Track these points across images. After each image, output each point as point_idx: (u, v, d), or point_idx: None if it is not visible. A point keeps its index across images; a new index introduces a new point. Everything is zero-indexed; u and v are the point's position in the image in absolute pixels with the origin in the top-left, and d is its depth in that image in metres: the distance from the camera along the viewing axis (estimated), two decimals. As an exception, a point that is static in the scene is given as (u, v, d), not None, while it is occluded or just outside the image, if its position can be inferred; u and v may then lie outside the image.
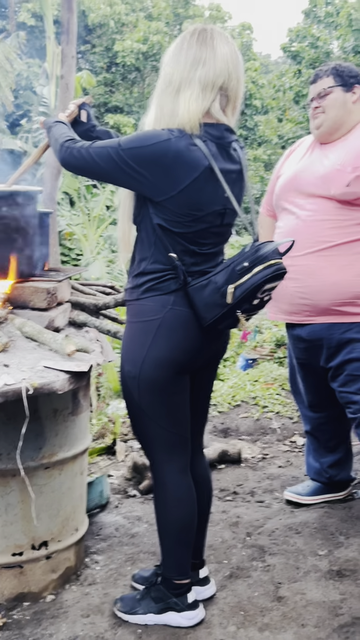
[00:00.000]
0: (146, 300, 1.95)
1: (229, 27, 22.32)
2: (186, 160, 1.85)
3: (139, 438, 2.09)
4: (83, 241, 10.82)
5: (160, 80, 1.93)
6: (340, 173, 2.52)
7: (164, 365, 1.95)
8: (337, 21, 16.78)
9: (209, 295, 1.89)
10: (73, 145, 1.94)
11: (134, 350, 1.97)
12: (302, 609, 2.19)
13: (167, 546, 2.12)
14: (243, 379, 5.00)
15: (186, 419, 2.06)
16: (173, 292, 1.94)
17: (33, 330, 2.19)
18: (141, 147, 1.85)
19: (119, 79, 20.76)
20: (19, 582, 2.24)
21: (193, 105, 1.87)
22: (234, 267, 1.89)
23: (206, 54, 1.87)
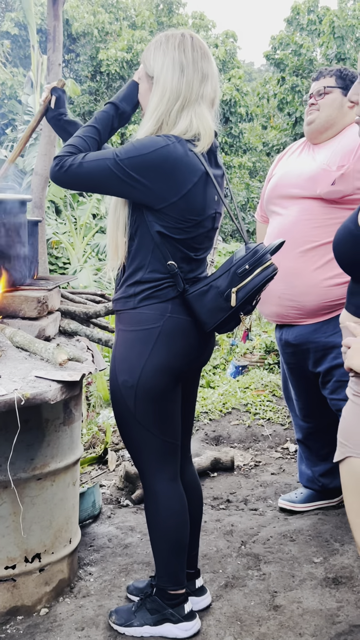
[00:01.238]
0: (143, 308, 1.92)
1: (212, 35, 22.43)
2: (186, 165, 1.85)
3: (130, 448, 2.07)
4: (70, 250, 10.78)
5: (161, 92, 1.88)
6: (326, 172, 2.54)
7: (164, 373, 1.94)
8: (319, 29, 16.94)
9: (211, 300, 1.90)
10: (64, 162, 1.86)
11: (130, 359, 1.94)
12: (299, 617, 2.17)
13: (160, 556, 2.10)
14: (233, 386, 4.99)
15: (178, 426, 2.06)
16: (171, 300, 1.93)
17: (24, 340, 2.17)
18: (141, 155, 1.82)
19: (104, 87, 20.77)
20: (11, 595, 2.21)
21: (207, 119, 1.90)
22: (234, 270, 1.90)
23: (209, 69, 1.91)
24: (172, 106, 1.87)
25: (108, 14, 20.83)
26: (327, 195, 2.54)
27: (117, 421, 2.05)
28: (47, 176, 3.83)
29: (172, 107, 1.87)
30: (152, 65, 1.91)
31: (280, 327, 2.80)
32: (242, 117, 19.44)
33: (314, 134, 2.70)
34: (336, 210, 2.56)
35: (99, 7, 20.92)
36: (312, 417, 2.91)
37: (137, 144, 1.85)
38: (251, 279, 1.89)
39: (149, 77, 1.93)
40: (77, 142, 1.91)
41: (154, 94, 1.90)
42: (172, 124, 1.88)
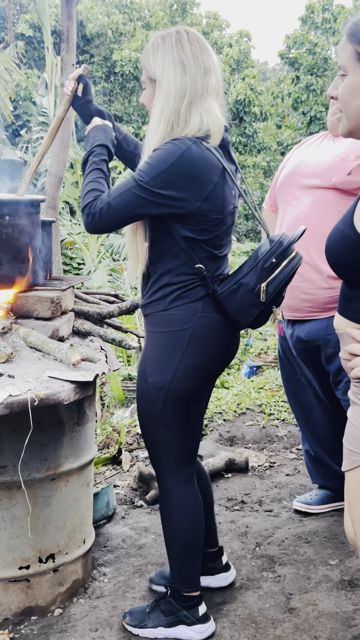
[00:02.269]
0: (175, 309, 1.93)
1: (226, 34, 22.40)
2: (206, 166, 1.85)
3: (150, 448, 2.07)
4: (84, 250, 10.81)
5: (166, 93, 1.87)
6: (343, 162, 2.51)
7: (196, 374, 1.96)
8: (334, 27, 16.86)
9: (242, 297, 1.91)
10: (92, 209, 1.84)
11: (162, 360, 1.94)
12: (314, 620, 2.15)
13: (175, 558, 2.09)
14: (248, 386, 4.97)
15: (200, 428, 2.09)
16: (200, 299, 1.94)
17: (37, 340, 2.16)
18: (163, 171, 1.80)
19: (118, 88, 20.82)
20: (26, 596, 2.21)
21: (215, 113, 1.89)
22: (261, 265, 1.91)
23: (210, 60, 1.89)
24: (180, 105, 1.86)
25: (122, 14, 20.88)
26: (342, 185, 2.51)
27: (141, 422, 2.05)
28: (61, 177, 3.84)
29: (180, 105, 1.86)
30: (153, 68, 1.90)
31: (292, 324, 2.78)
32: (256, 116, 19.39)
33: (336, 124, 2.66)
34: (349, 201, 2.53)
35: (112, 8, 20.98)
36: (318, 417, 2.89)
37: (154, 160, 1.82)
38: (279, 272, 1.90)
39: (151, 80, 1.93)
40: (93, 186, 1.89)
41: (158, 96, 1.89)
42: (182, 122, 1.87)
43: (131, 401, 5.77)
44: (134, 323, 6.70)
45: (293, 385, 2.96)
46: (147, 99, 1.98)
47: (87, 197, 1.87)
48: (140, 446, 3.93)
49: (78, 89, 2.19)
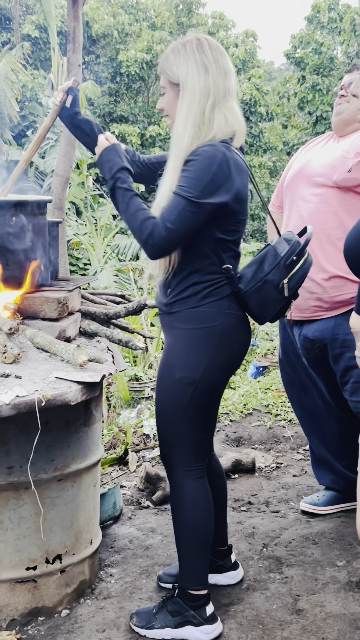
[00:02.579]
0: (205, 307, 2.00)
1: (232, 34, 22.38)
2: (238, 167, 1.94)
3: (167, 444, 2.11)
4: (90, 250, 10.82)
5: (191, 94, 1.93)
6: (344, 160, 2.54)
7: (224, 369, 2.04)
8: (340, 26, 16.82)
9: (267, 294, 2.01)
10: (153, 238, 1.87)
11: (192, 356, 2.00)
12: (322, 621, 2.14)
13: (185, 553, 2.11)
14: (254, 386, 4.96)
15: (215, 424, 2.17)
16: (227, 297, 2.01)
17: (44, 341, 2.17)
18: (208, 182, 1.86)
19: (124, 88, 20.83)
20: (33, 596, 2.21)
21: (238, 114, 1.98)
22: (283, 262, 2.01)
23: (228, 65, 1.97)
24: (204, 106, 1.93)
25: (128, 15, 20.88)
26: (342, 183, 2.53)
27: (161, 417, 2.09)
28: (67, 177, 3.84)
29: (205, 106, 1.93)
30: (176, 72, 1.96)
31: (300, 324, 2.77)
32: (262, 116, 19.37)
33: (341, 125, 2.68)
34: (352, 199, 2.55)
35: (118, 8, 20.98)
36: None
37: (195, 173, 1.87)
38: (299, 268, 2.01)
39: (173, 84, 1.98)
40: (143, 215, 1.91)
41: (183, 98, 1.95)
42: (207, 122, 1.93)
43: (137, 402, 5.77)
44: (140, 324, 6.70)
45: (296, 387, 2.94)
46: (167, 104, 2.03)
47: (143, 229, 1.89)
48: (147, 447, 3.93)
49: (67, 100, 2.22)
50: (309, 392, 2.90)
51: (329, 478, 2.99)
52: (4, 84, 10.10)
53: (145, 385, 6.13)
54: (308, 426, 2.98)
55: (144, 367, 6.61)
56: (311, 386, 2.89)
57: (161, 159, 2.27)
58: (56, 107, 2.23)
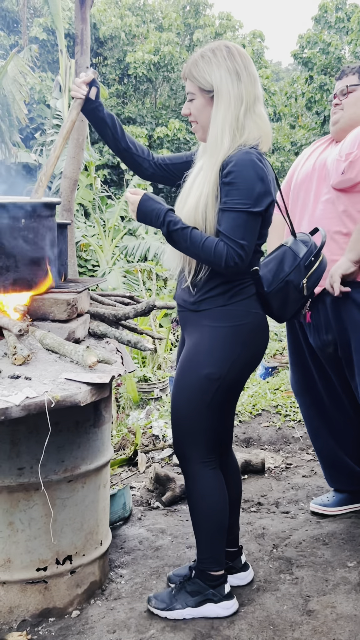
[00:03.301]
0: (233, 305, 2.05)
1: (239, 35, 22.37)
2: (269, 172, 2.00)
3: (184, 437, 2.15)
4: (99, 252, 10.84)
5: (227, 100, 1.98)
6: (338, 163, 2.55)
7: (249, 365, 2.12)
8: (348, 26, 16.78)
9: (289, 294, 2.10)
10: (235, 259, 1.93)
11: (221, 353, 2.05)
12: (333, 622, 2.13)
13: (205, 539, 2.19)
14: (263, 387, 4.95)
15: (233, 418, 2.27)
16: (252, 296, 2.09)
17: (54, 342, 2.17)
18: (256, 188, 1.92)
19: (131, 90, 20.85)
20: (43, 597, 2.21)
21: (266, 119, 2.05)
22: (302, 264, 2.10)
23: (255, 71, 2.03)
24: (239, 111, 1.99)
25: (135, 16, 20.90)
26: (338, 185, 2.54)
27: (181, 411, 2.14)
28: (76, 179, 3.86)
29: (239, 112, 1.99)
30: (210, 79, 2.00)
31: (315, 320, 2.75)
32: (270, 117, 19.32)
33: (340, 133, 2.69)
34: (350, 200, 2.54)
35: (126, 10, 21.01)
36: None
37: (243, 183, 1.92)
38: (316, 268, 2.12)
39: (204, 91, 2.03)
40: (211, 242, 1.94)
41: (218, 104, 1.99)
42: (241, 128, 1.99)
43: (147, 402, 5.77)
44: (148, 325, 6.70)
45: (307, 390, 2.91)
46: (196, 109, 2.07)
47: (218, 256, 1.94)
48: (156, 448, 3.93)
49: (90, 92, 2.20)
50: (320, 393, 2.88)
51: (342, 480, 2.96)
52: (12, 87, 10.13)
53: (154, 386, 6.13)
54: (318, 429, 2.94)
55: (152, 368, 6.62)
56: (323, 387, 2.86)
57: (175, 160, 2.30)
58: (80, 100, 2.21)
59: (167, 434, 4.06)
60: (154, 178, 2.34)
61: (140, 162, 2.30)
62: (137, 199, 2.03)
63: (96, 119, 2.24)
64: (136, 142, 2.31)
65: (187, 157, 2.27)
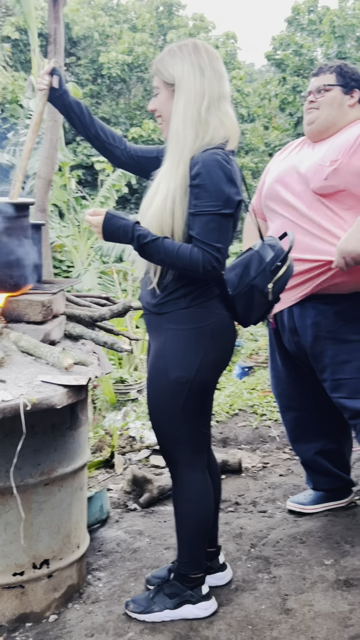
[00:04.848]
0: (195, 307, 2.02)
1: (213, 36, 22.43)
2: (236, 171, 1.98)
3: (167, 442, 2.14)
4: (74, 253, 10.78)
5: (187, 94, 1.95)
6: (320, 167, 2.52)
7: (217, 367, 2.09)
8: (320, 28, 16.93)
9: (253, 298, 2.05)
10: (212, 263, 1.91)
11: (186, 356, 2.03)
12: (311, 621, 2.14)
13: (187, 543, 2.18)
14: (240, 387, 4.97)
15: (210, 418, 2.21)
16: (215, 297, 2.05)
17: (29, 345, 2.15)
18: (225, 189, 1.90)
19: (105, 90, 20.79)
20: (20, 602, 2.19)
21: (232, 117, 2.01)
22: (267, 269, 2.04)
23: (222, 68, 2.01)
24: (200, 106, 1.95)
25: (108, 17, 20.85)
26: (320, 191, 2.51)
27: (157, 417, 2.12)
28: (49, 179, 3.83)
29: (200, 106, 1.95)
30: (172, 72, 1.99)
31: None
32: (243, 118, 19.43)
33: (314, 134, 2.66)
34: (331, 206, 2.52)
35: (99, 10, 20.94)
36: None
37: (211, 184, 1.90)
38: (283, 273, 2.06)
39: (167, 85, 2.01)
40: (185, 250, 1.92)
41: (179, 97, 1.97)
42: (204, 123, 1.96)
43: (123, 404, 5.75)
44: (125, 326, 6.68)
45: (286, 393, 2.91)
46: (161, 104, 2.05)
47: (195, 262, 1.91)
48: (133, 449, 3.92)
49: (53, 81, 2.21)
50: (297, 395, 2.88)
51: (320, 480, 2.97)
52: (-16, 87, 10.02)
53: (131, 388, 6.11)
54: (295, 430, 2.95)
55: (129, 369, 6.60)
56: (300, 389, 2.86)
57: (147, 153, 2.29)
58: (45, 90, 2.22)
59: (144, 435, 4.05)
60: (126, 167, 2.32)
61: (112, 150, 2.28)
62: (100, 220, 1.97)
63: (62, 106, 2.24)
64: (107, 129, 2.28)
65: (157, 152, 2.24)
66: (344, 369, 2.56)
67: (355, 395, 2.55)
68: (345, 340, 2.55)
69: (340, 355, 2.56)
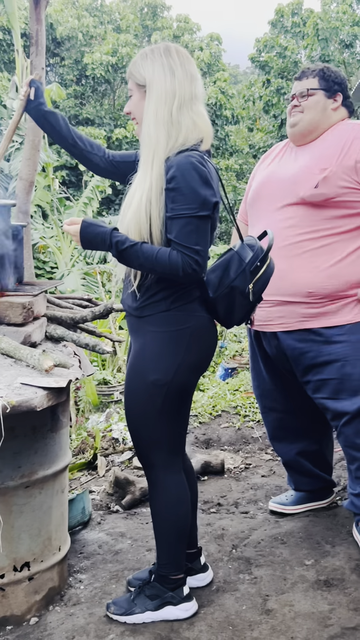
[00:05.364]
0: (175, 310, 2.03)
1: (197, 38, 22.47)
2: (211, 172, 1.99)
3: (144, 445, 2.14)
4: (57, 254, 10.74)
5: (157, 94, 1.96)
6: (308, 175, 2.51)
7: (196, 369, 2.09)
8: (304, 31, 17.03)
9: (234, 299, 2.06)
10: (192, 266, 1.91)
11: (165, 358, 2.03)
12: (291, 621, 2.16)
13: (166, 545, 2.18)
14: (223, 388, 4.98)
15: (188, 420, 2.22)
16: (195, 300, 2.05)
17: (9, 347, 2.14)
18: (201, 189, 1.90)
19: (89, 91, 20.75)
20: (0, 605, 2.18)
21: (205, 118, 2.02)
22: (247, 269, 2.04)
23: (193, 69, 2.02)
24: (171, 106, 1.96)
25: (92, 17, 20.82)
26: (310, 199, 2.50)
27: (135, 419, 2.11)
28: (32, 181, 3.80)
29: (172, 107, 1.96)
30: (143, 74, 2.00)
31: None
32: (227, 119, 19.48)
33: (297, 136, 2.66)
34: (319, 215, 2.51)
35: (83, 10, 20.90)
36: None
37: (186, 186, 1.90)
38: (262, 273, 2.06)
39: (139, 86, 2.02)
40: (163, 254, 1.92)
41: (150, 98, 1.98)
42: (176, 124, 1.96)
43: (106, 405, 5.75)
44: (108, 327, 6.67)
45: (265, 389, 2.93)
46: (134, 106, 2.06)
47: (174, 265, 1.91)
48: (116, 451, 3.92)
49: (30, 92, 2.24)
50: (279, 397, 2.89)
51: (301, 481, 2.99)
52: (-33, 87, 9.97)
53: (114, 389, 6.10)
54: (277, 432, 2.96)
55: (112, 371, 6.59)
56: (281, 391, 2.88)
57: (125, 158, 2.30)
58: (22, 102, 2.25)
59: (127, 437, 4.05)
60: (106, 174, 2.33)
61: (90, 158, 2.29)
62: (77, 228, 1.97)
63: (38, 117, 2.25)
64: (84, 138, 2.29)
65: (136, 157, 2.24)
66: (326, 370, 2.56)
67: (337, 395, 2.56)
68: (327, 341, 2.56)
69: (322, 357, 2.56)
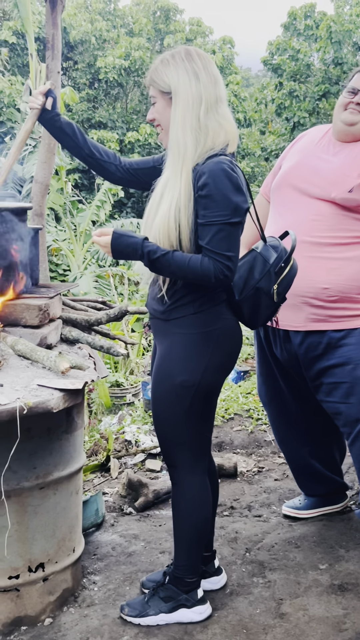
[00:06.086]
0: (203, 313, 2.04)
1: (210, 41, 22.49)
2: (240, 176, 1.98)
3: (169, 446, 2.15)
4: (70, 257, 10.78)
5: (184, 100, 1.96)
6: (345, 177, 2.44)
7: (222, 371, 2.12)
8: (316, 34, 16.99)
9: (259, 301, 2.09)
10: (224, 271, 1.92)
11: (193, 360, 2.05)
12: (305, 625, 2.15)
13: (186, 547, 2.19)
14: (235, 391, 4.97)
15: (213, 422, 2.24)
16: (222, 303, 2.07)
17: (26, 348, 2.16)
18: (232, 198, 1.91)
19: (102, 94, 20.81)
20: (15, 605, 2.19)
21: (231, 119, 2.02)
22: (272, 270, 2.09)
23: (216, 71, 2.02)
24: (198, 111, 1.97)
25: (105, 21, 20.89)
26: (342, 202, 2.44)
27: (162, 421, 2.14)
28: (47, 184, 3.82)
29: (199, 112, 1.97)
30: (167, 81, 2.00)
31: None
32: (240, 122, 19.47)
33: (350, 136, 2.51)
34: (348, 217, 2.46)
35: (96, 14, 20.99)
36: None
37: (219, 194, 1.90)
38: (286, 274, 2.10)
39: (164, 93, 2.02)
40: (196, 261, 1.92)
41: (176, 105, 1.98)
42: (204, 129, 1.96)
43: (119, 408, 5.75)
44: (121, 330, 6.69)
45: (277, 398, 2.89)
46: (158, 113, 2.06)
47: (206, 273, 1.92)
48: (129, 453, 3.93)
49: (46, 102, 2.22)
50: (288, 401, 2.87)
51: (312, 486, 2.98)
52: (-18, 90, 10.03)
53: (127, 392, 6.11)
54: (286, 437, 2.95)
55: (125, 373, 6.60)
56: (290, 395, 2.86)
57: (143, 164, 2.29)
58: (36, 110, 2.22)
59: (140, 439, 4.05)
60: (122, 182, 2.33)
61: (107, 167, 2.28)
62: (108, 240, 1.97)
63: (54, 129, 2.24)
64: (100, 147, 2.29)
65: (154, 162, 2.25)
66: (337, 373, 2.55)
67: (348, 400, 2.54)
68: (339, 344, 2.55)
69: (334, 359, 2.55)
